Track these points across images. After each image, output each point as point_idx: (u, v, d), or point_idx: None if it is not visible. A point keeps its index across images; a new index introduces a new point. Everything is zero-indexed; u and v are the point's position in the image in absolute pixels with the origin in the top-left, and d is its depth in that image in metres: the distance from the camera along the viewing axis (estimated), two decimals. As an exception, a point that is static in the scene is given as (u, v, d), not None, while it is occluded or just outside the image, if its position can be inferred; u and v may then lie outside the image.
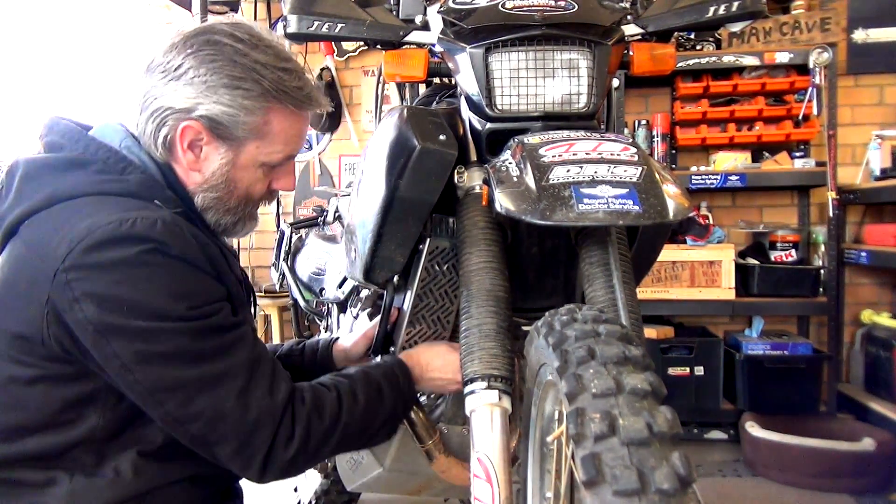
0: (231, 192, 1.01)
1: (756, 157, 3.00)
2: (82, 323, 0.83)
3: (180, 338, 0.85)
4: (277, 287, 2.28)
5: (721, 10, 1.03)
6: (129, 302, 0.83)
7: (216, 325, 0.88)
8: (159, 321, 0.84)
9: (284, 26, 1.05)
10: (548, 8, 0.99)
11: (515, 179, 0.87)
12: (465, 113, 1.06)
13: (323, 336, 1.36)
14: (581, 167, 0.83)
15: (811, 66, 2.70)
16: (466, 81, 1.00)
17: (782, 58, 2.77)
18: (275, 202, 3.24)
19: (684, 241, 2.85)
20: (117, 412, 0.91)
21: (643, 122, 3.04)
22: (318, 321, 2.03)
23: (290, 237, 2.10)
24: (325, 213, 1.99)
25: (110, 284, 0.83)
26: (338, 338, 1.33)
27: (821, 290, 2.83)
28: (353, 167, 3.52)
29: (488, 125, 1.01)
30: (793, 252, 2.93)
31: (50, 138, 0.98)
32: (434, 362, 1.09)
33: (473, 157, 1.05)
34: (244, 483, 1.07)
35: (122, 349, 0.84)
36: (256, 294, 3.11)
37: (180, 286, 0.86)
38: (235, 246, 2.88)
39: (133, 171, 0.94)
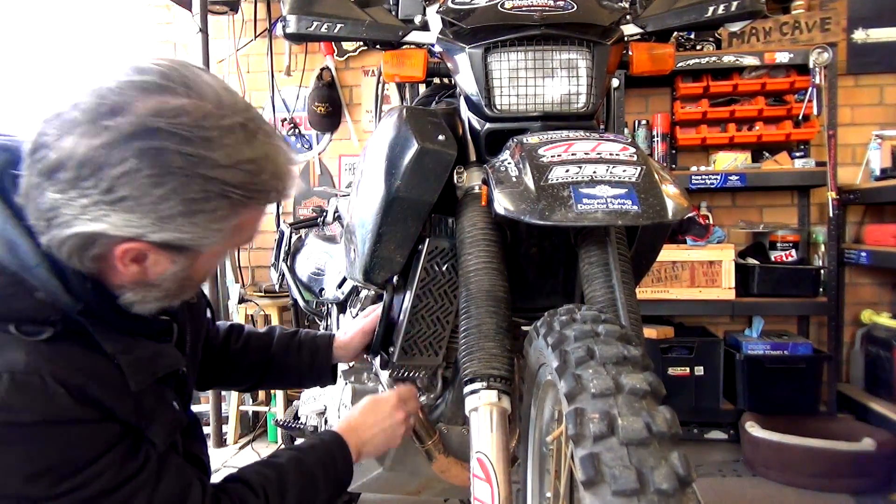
0: (181, 288, 0.82)
1: (756, 157, 3.00)
2: None
3: None
4: (277, 287, 2.28)
5: (720, 10, 1.03)
6: None
7: (95, 493, 0.73)
8: None
9: (284, 27, 1.05)
10: (547, 8, 0.99)
11: (514, 179, 0.87)
12: (465, 113, 1.06)
13: (319, 333, 1.34)
14: (580, 167, 0.83)
15: (811, 66, 2.70)
16: (466, 81, 1.00)
17: (782, 58, 2.77)
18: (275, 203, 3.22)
19: (684, 241, 2.85)
20: None
21: (643, 122, 3.04)
22: (318, 321, 2.03)
23: (290, 237, 2.10)
24: (324, 213, 1.99)
25: None
26: (334, 335, 1.32)
27: (821, 290, 2.83)
28: (353, 167, 3.52)
29: (487, 125, 1.01)
30: (793, 252, 2.93)
31: None
32: (368, 419, 1.09)
33: (473, 157, 1.05)
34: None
35: None
36: (256, 296, 3.08)
37: (38, 461, 0.70)
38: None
39: None
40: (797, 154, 2.95)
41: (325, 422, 1.60)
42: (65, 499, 0.71)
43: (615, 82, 2.75)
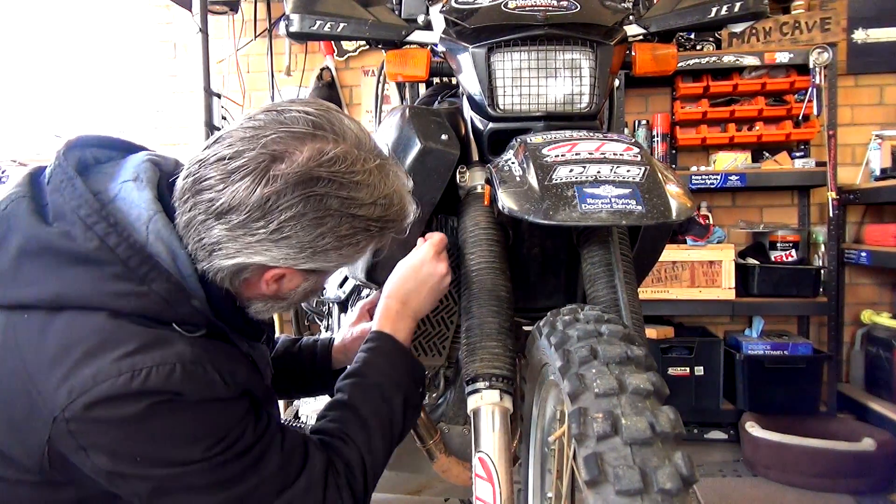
0: (304, 299, 0.94)
1: (756, 157, 3.00)
2: (93, 468, 0.79)
3: (202, 474, 0.81)
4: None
5: (723, 11, 1.03)
6: (142, 454, 0.79)
7: (239, 451, 0.84)
8: (177, 467, 0.80)
9: (287, 25, 1.05)
10: (550, 8, 0.99)
11: (518, 179, 0.87)
12: (468, 113, 1.06)
13: (320, 336, 1.34)
14: (584, 167, 0.83)
15: (811, 66, 2.71)
16: (469, 81, 1.00)
17: (782, 58, 2.77)
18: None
19: (684, 241, 2.85)
20: None
21: (643, 122, 3.04)
22: (319, 321, 2.03)
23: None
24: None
25: (119, 440, 0.78)
26: (334, 339, 1.32)
27: (821, 290, 2.84)
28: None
29: (490, 125, 1.01)
30: (793, 252, 2.93)
31: (57, 199, 0.81)
32: (410, 285, 1.03)
33: (475, 157, 1.05)
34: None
35: (140, 487, 0.81)
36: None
37: (197, 429, 0.81)
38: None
39: (156, 278, 0.80)
40: (797, 154, 2.95)
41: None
42: (218, 457, 0.82)
43: (616, 82, 2.75)
